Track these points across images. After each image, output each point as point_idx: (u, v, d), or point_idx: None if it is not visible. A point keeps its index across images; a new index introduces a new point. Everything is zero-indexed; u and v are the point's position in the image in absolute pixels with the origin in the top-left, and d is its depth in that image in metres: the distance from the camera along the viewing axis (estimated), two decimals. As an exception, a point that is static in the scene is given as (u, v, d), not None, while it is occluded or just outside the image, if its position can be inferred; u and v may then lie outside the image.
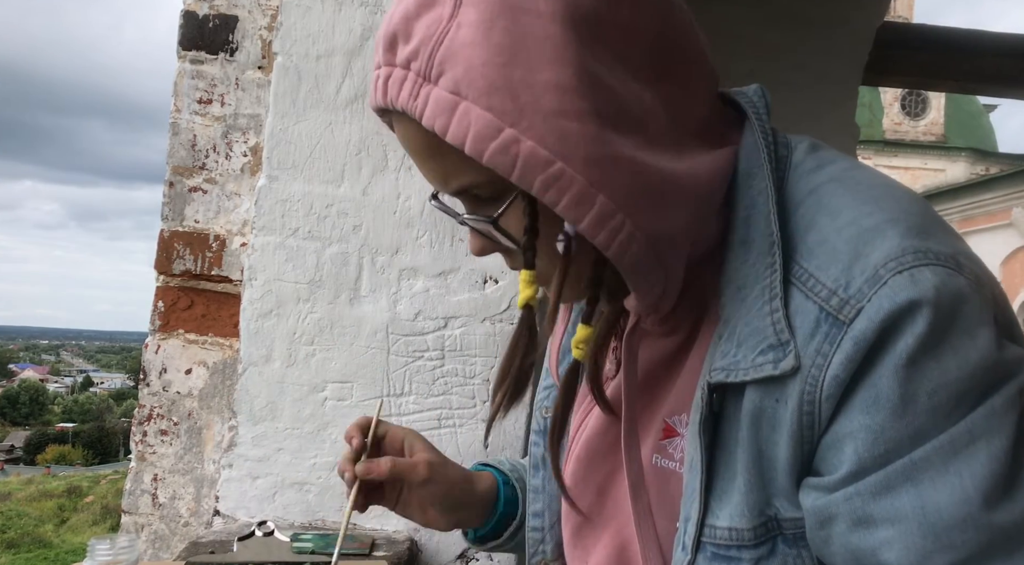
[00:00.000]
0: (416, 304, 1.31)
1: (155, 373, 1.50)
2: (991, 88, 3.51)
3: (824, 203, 0.58)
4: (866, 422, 0.52)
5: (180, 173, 1.52)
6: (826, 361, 0.53)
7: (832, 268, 0.55)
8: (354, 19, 1.32)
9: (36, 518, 20.32)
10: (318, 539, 1.18)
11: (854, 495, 0.53)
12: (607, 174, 0.54)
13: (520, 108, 0.53)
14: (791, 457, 0.56)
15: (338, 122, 1.32)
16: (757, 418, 0.57)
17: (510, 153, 0.53)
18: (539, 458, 0.83)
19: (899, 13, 20.10)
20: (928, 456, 0.51)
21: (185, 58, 1.52)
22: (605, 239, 0.55)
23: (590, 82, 0.54)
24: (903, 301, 0.51)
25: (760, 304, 0.57)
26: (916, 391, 0.51)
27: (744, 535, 0.58)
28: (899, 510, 0.52)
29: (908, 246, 0.53)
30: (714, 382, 0.58)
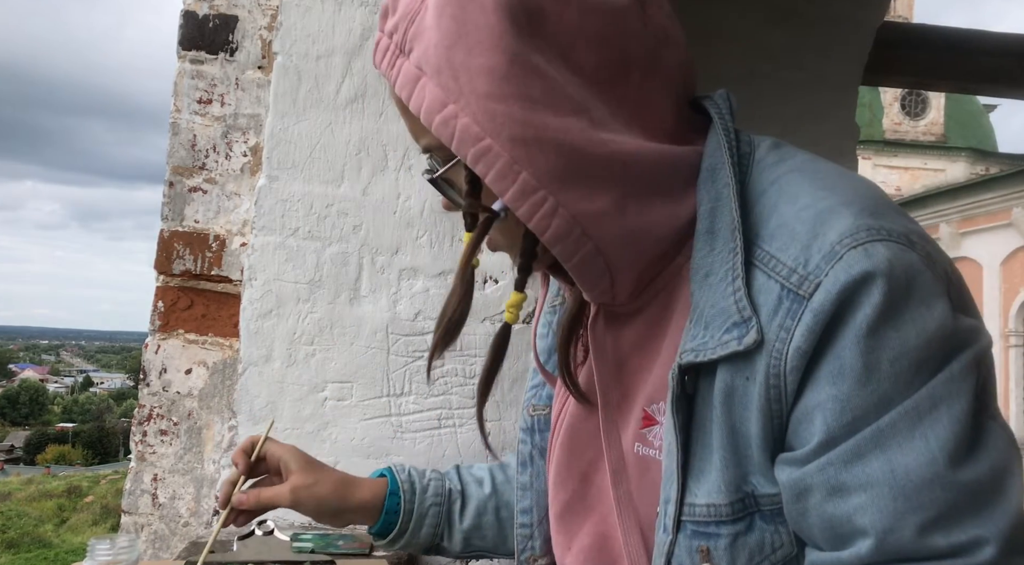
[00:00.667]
0: (416, 304, 1.31)
1: (155, 373, 1.50)
2: (991, 88, 3.51)
3: (784, 190, 0.62)
4: (832, 392, 0.55)
5: (180, 173, 1.52)
6: (789, 334, 0.56)
7: (791, 248, 0.58)
8: (354, 19, 1.32)
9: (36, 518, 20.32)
10: (318, 539, 1.18)
11: (826, 465, 0.56)
12: (531, 153, 0.59)
13: (460, 88, 0.60)
14: (762, 432, 0.59)
15: (338, 122, 1.32)
16: (729, 396, 0.59)
17: (450, 126, 0.60)
18: (527, 455, 0.86)
19: (899, 13, 20.10)
20: (894, 422, 0.54)
21: (185, 58, 1.52)
22: (527, 212, 0.60)
23: (522, 69, 0.59)
24: (858, 273, 0.54)
25: (724, 286, 0.60)
26: (879, 359, 0.54)
27: (722, 510, 0.60)
28: (870, 476, 0.54)
29: (862, 224, 0.56)
30: (684, 363, 0.60)
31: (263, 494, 0.89)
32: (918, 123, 21.19)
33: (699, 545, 0.61)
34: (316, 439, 1.30)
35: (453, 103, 0.60)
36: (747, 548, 0.60)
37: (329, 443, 1.30)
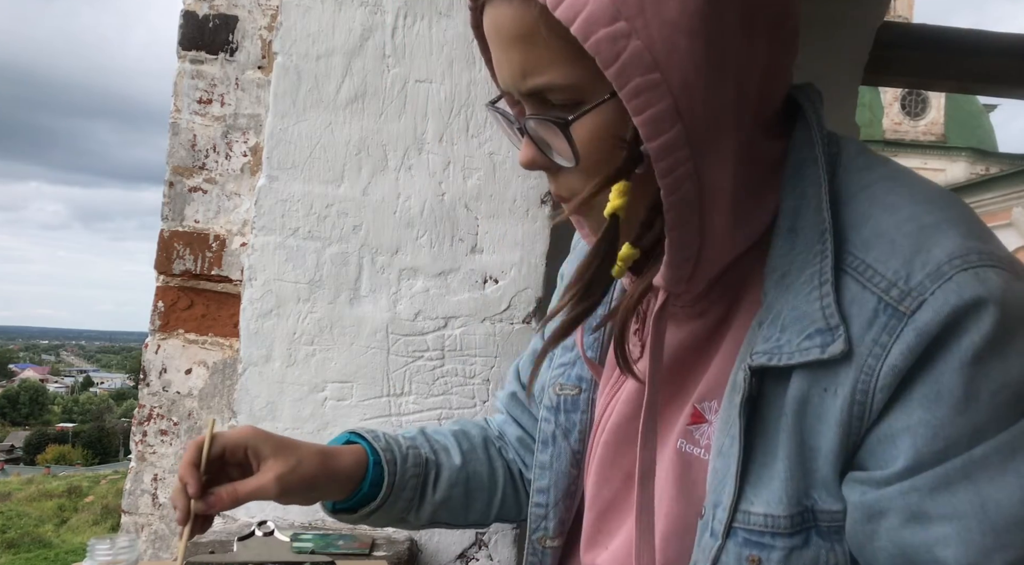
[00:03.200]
0: (416, 304, 1.31)
1: (155, 373, 1.50)
2: (991, 88, 3.51)
3: (879, 198, 0.58)
4: (926, 417, 0.52)
5: (180, 173, 1.52)
6: (884, 351, 0.53)
7: (892, 260, 0.55)
8: (354, 19, 1.32)
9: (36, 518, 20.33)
10: (318, 539, 1.18)
11: (910, 490, 0.53)
12: (694, 105, 0.53)
13: (641, 5, 0.52)
14: (836, 448, 0.56)
15: (338, 122, 1.32)
16: (803, 406, 0.57)
17: (617, 45, 0.52)
18: (549, 434, 0.81)
19: (899, 13, 20.10)
20: (988, 454, 0.51)
21: (185, 58, 1.52)
22: (666, 166, 0.54)
23: (715, 10, 0.53)
24: (970, 297, 0.51)
25: (808, 290, 0.57)
26: (979, 389, 0.51)
27: (780, 522, 0.57)
28: (957, 507, 0.51)
29: (972, 246, 0.53)
30: (755, 365, 0.57)
31: (241, 489, 0.76)
32: (918, 123, 21.20)
33: (750, 554, 0.58)
34: (316, 439, 1.30)
35: (626, 21, 0.52)
36: (801, 563, 0.57)
37: (329, 443, 1.30)
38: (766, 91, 0.59)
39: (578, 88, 0.56)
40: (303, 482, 0.78)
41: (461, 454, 0.90)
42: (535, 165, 0.62)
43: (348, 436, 0.87)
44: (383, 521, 0.87)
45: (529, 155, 0.62)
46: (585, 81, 0.55)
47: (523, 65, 0.58)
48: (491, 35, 0.60)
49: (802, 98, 0.64)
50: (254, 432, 0.79)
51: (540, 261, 1.32)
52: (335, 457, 0.82)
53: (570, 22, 0.52)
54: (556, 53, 0.55)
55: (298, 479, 0.77)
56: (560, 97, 0.58)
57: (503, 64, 0.60)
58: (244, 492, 0.76)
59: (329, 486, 0.81)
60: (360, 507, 0.84)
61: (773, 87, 0.60)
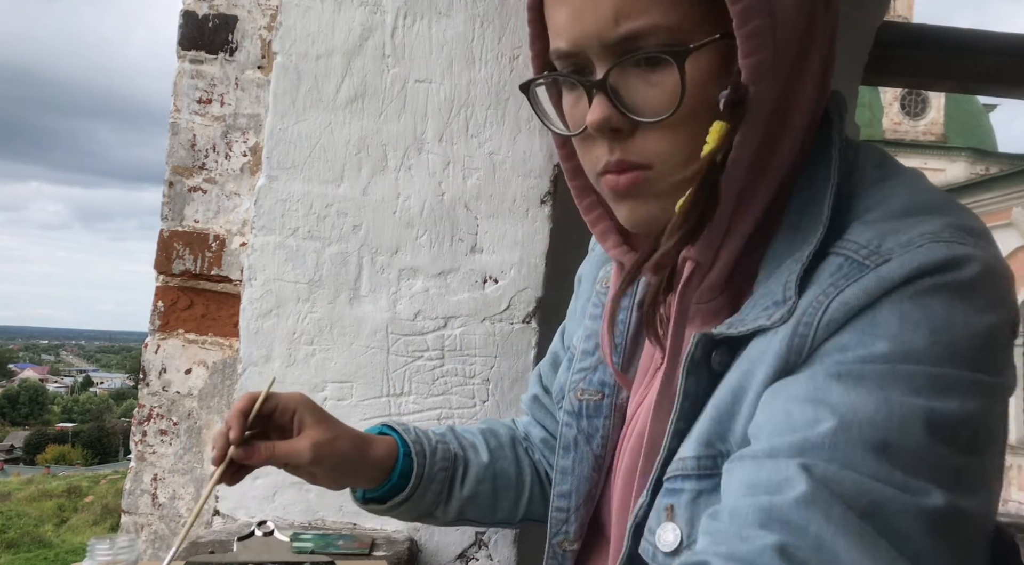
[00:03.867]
0: (416, 304, 1.31)
1: (155, 373, 1.50)
2: (991, 88, 3.51)
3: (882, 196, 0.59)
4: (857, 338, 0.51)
5: (180, 173, 1.52)
6: (837, 290, 0.53)
7: (868, 232, 0.55)
8: (354, 19, 1.32)
9: (36, 518, 20.33)
10: (318, 539, 1.18)
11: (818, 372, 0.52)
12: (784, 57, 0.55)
13: None
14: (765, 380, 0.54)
15: (338, 122, 1.32)
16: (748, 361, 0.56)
17: None
18: (571, 439, 0.81)
19: (899, 13, 20.10)
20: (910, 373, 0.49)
21: (185, 58, 1.52)
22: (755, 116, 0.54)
23: None
24: (939, 257, 0.51)
25: (783, 273, 0.57)
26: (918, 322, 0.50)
27: (688, 464, 0.57)
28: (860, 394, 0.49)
29: (951, 225, 0.54)
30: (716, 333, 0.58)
31: (279, 448, 0.78)
32: (918, 123, 21.20)
33: (666, 503, 0.58)
34: (316, 439, 1.30)
35: None
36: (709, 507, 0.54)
37: (329, 443, 1.30)
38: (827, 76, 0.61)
39: (680, 30, 0.54)
40: (335, 456, 0.80)
41: (489, 452, 0.92)
42: (610, 124, 0.57)
43: (381, 428, 0.90)
44: (411, 514, 0.89)
45: (604, 113, 0.57)
46: (688, 22, 0.54)
47: (617, 7, 0.54)
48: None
49: (829, 103, 0.65)
50: (304, 400, 0.83)
51: (540, 261, 1.32)
52: (369, 443, 0.85)
53: None
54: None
55: (331, 452, 0.80)
56: (654, 41, 0.54)
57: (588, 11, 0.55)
58: (280, 451, 0.79)
59: (359, 470, 0.84)
60: (389, 498, 0.86)
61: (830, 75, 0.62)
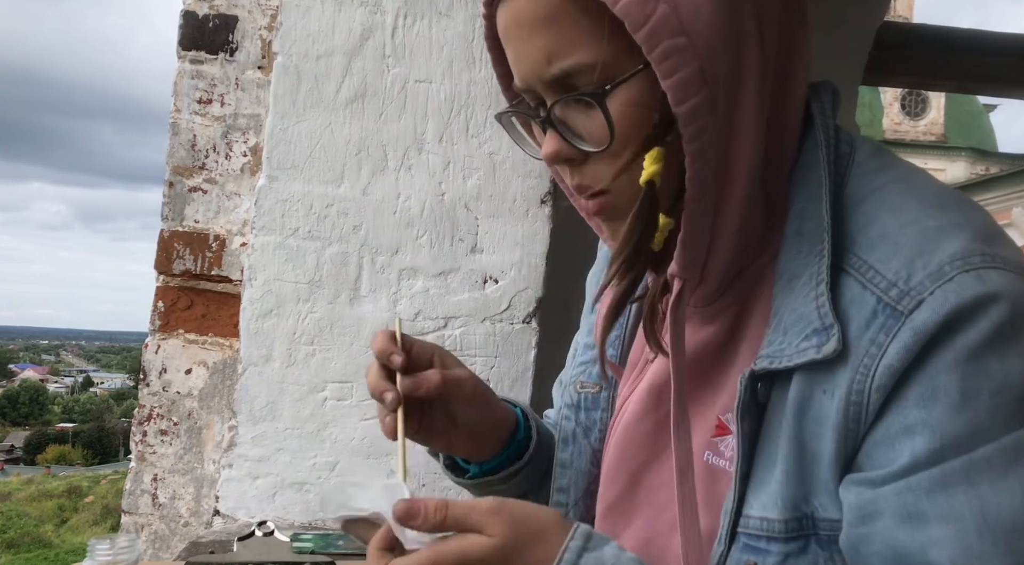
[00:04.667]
0: (416, 304, 1.31)
1: (155, 373, 1.50)
2: (991, 88, 3.51)
3: (887, 201, 0.58)
4: (922, 416, 0.51)
5: (180, 173, 1.52)
6: (880, 351, 0.52)
7: (893, 261, 0.54)
8: (354, 19, 1.32)
9: (36, 518, 20.33)
10: (318, 539, 1.18)
11: (906, 490, 0.51)
12: (716, 70, 0.54)
13: None
14: (835, 452, 0.54)
15: (338, 122, 1.32)
16: (802, 408, 0.56)
17: (646, 8, 0.53)
18: (569, 432, 0.81)
19: (899, 13, 20.11)
20: (989, 457, 0.49)
21: (185, 58, 1.52)
22: (694, 132, 0.54)
23: None
24: (970, 297, 0.50)
25: (807, 291, 0.56)
26: (978, 388, 0.50)
27: (775, 526, 0.56)
28: (955, 509, 0.49)
29: (976, 248, 0.52)
30: (758, 369, 0.57)
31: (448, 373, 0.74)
32: (918, 123, 21.21)
33: (748, 559, 0.57)
34: (316, 439, 1.30)
35: None
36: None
37: (329, 443, 1.30)
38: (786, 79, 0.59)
39: (605, 66, 0.56)
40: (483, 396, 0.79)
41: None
42: (560, 156, 0.61)
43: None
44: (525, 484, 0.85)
45: (555, 146, 0.61)
46: (612, 58, 0.56)
47: (548, 49, 0.57)
48: (511, 28, 0.60)
49: (813, 98, 0.64)
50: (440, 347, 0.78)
51: (540, 261, 1.32)
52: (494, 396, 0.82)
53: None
54: (582, 31, 0.55)
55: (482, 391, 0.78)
56: (587, 78, 0.57)
57: (525, 55, 0.59)
58: (451, 376, 0.74)
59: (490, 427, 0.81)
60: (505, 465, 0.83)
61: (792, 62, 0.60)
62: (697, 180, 0.56)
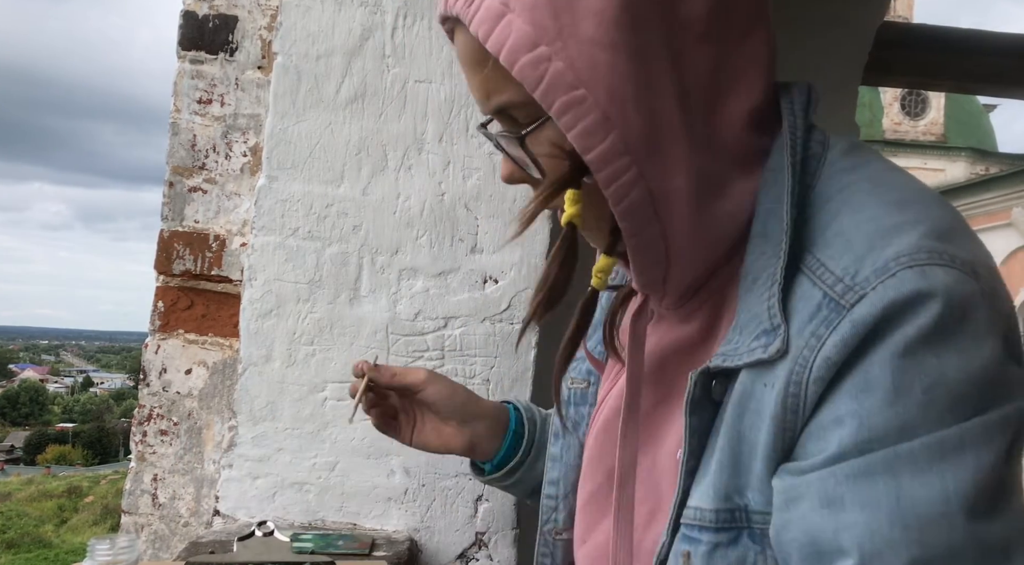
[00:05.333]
0: (416, 304, 1.31)
1: (155, 373, 1.50)
2: (991, 88, 3.51)
3: (850, 200, 0.58)
4: (853, 407, 0.51)
5: (180, 173, 1.52)
6: (820, 343, 0.53)
7: (843, 258, 0.54)
8: (354, 19, 1.32)
9: (36, 518, 20.33)
10: (318, 539, 1.18)
11: (828, 476, 0.52)
12: (625, 113, 0.55)
13: (559, 27, 0.54)
14: (771, 443, 0.55)
15: (338, 122, 1.32)
16: (744, 401, 0.56)
17: (539, 69, 0.54)
18: (559, 427, 0.83)
19: (899, 13, 20.11)
20: (914, 451, 0.49)
21: (185, 58, 1.52)
22: (607, 177, 0.56)
23: (632, 19, 0.54)
24: (909, 291, 0.50)
25: (762, 291, 0.57)
26: (911, 383, 0.50)
27: (706, 516, 0.57)
28: (873, 496, 0.50)
29: (925, 245, 0.52)
30: (712, 366, 0.58)
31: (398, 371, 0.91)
32: (918, 123, 21.20)
33: (683, 549, 0.58)
34: (316, 439, 1.30)
35: (546, 45, 0.54)
36: (726, 561, 0.56)
37: (329, 443, 1.30)
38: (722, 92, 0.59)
39: (533, 104, 0.57)
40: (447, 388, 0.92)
41: None
42: (513, 179, 0.66)
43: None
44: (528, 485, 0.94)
45: (507, 170, 0.66)
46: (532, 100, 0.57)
47: (484, 86, 0.61)
48: (460, 61, 0.63)
49: (784, 99, 0.64)
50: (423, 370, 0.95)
51: (540, 261, 1.32)
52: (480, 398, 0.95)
53: (498, 53, 0.56)
54: (504, 74, 0.57)
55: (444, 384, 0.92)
56: (521, 114, 0.60)
57: (471, 87, 0.64)
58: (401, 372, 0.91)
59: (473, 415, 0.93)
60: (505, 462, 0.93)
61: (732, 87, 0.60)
62: (627, 219, 0.58)
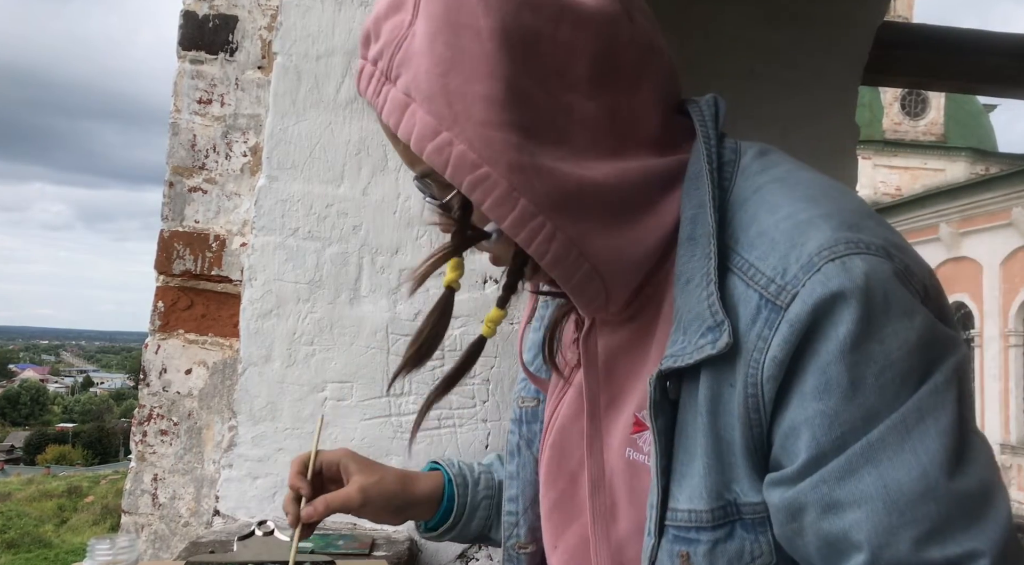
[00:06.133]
0: (416, 304, 1.31)
1: (155, 373, 1.50)
2: (991, 88, 3.51)
3: (765, 200, 0.62)
4: (819, 407, 0.55)
5: (180, 173, 1.52)
6: (766, 344, 0.57)
7: (770, 257, 0.58)
8: (354, 19, 1.32)
9: (36, 518, 20.32)
10: (318, 539, 1.18)
11: (819, 482, 0.56)
12: (529, 180, 0.59)
13: (455, 115, 0.59)
14: (743, 440, 0.59)
15: (338, 122, 1.32)
16: (715, 402, 0.60)
17: (444, 154, 0.59)
18: (515, 445, 0.87)
19: (899, 13, 20.10)
20: (883, 436, 0.54)
21: (185, 58, 1.52)
22: (526, 238, 0.60)
23: (517, 97, 0.59)
24: (836, 286, 0.55)
25: (699, 291, 0.61)
26: (863, 373, 0.54)
27: (703, 517, 0.60)
28: (863, 491, 0.54)
29: (840, 237, 0.57)
30: (664, 369, 0.61)
31: (331, 500, 0.87)
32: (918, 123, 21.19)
33: (680, 550, 0.61)
34: (316, 439, 1.30)
35: (447, 130, 0.59)
36: (726, 555, 0.60)
37: (329, 443, 1.30)
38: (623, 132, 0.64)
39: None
40: (383, 496, 0.89)
41: None
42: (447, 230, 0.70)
43: (430, 466, 0.99)
44: (466, 538, 0.98)
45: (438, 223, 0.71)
46: None
47: (406, 156, 0.66)
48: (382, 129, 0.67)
49: (694, 113, 0.68)
50: (347, 453, 0.92)
51: (540, 261, 1.32)
52: (414, 480, 0.94)
53: (408, 141, 0.61)
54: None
55: (378, 493, 0.88)
56: (439, 179, 0.64)
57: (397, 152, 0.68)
58: (334, 501, 0.87)
59: (410, 504, 0.93)
60: (438, 526, 0.95)
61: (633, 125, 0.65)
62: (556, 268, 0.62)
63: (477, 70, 0.58)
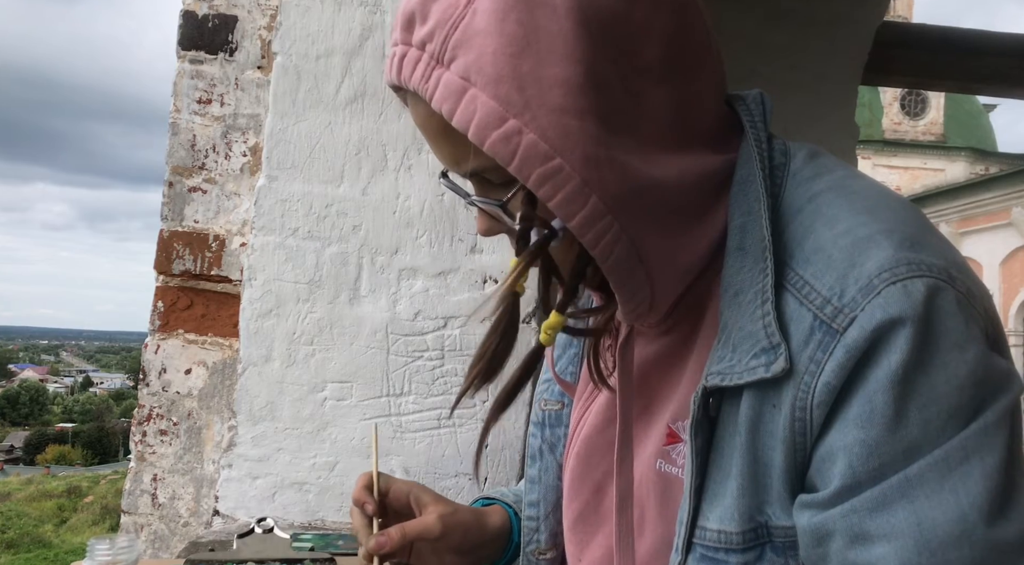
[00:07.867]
0: (416, 304, 1.31)
1: (155, 373, 1.50)
2: (991, 88, 3.51)
3: (822, 211, 0.59)
4: (860, 436, 0.53)
5: (179, 173, 1.52)
6: (819, 368, 0.54)
7: (827, 276, 0.55)
8: (354, 19, 1.32)
9: (36, 518, 20.33)
10: (318, 539, 1.18)
11: (850, 511, 0.53)
12: (602, 175, 0.55)
13: (526, 100, 0.53)
14: (785, 463, 0.56)
15: (338, 122, 1.32)
16: (756, 424, 0.57)
17: (511, 143, 0.54)
18: (536, 449, 0.84)
19: (899, 13, 20.11)
20: (922, 472, 0.51)
21: (184, 58, 1.52)
22: (592, 239, 0.56)
23: (596, 81, 0.54)
24: (895, 313, 0.52)
25: (753, 308, 0.57)
26: (907, 406, 0.51)
27: (733, 538, 0.58)
28: (895, 526, 0.52)
29: (902, 257, 0.54)
30: (710, 386, 0.58)
31: (408, 529, 0.82)
32: (918, 123, 21.20)
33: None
34: (316, 439, 1.30)
35: (515, 118, 0.53)
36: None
37: (329, 443, 1.30)
38: (684, 125, 0.60)
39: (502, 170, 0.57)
40: (460, 526, 0.85)
41: None
42: (492, 233, 0.66)
43: (483, 501, 0.94)
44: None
45: (484, 226, 0.66)
46: None
47: (453, 154, 0.60)
48: (418, 126, 0.62)
49: (742, 111, 0.65)
50: (417, 485, 0.88)
51: (540, 261, 1.32)
52: (486, 514, 0.90)
53: (466, 130, 0.54)
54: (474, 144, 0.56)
55: (456, 522, 0.85)
56: (494, 176, 0.59)
57: (437, 153, 0.62)
58: (411, 530, 0.82)
59: (484, 539, 0.88)
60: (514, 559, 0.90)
61: (692, 117, 0.61)
62: (615, 272, 0.58)
63: (554, 51, 0.53)
